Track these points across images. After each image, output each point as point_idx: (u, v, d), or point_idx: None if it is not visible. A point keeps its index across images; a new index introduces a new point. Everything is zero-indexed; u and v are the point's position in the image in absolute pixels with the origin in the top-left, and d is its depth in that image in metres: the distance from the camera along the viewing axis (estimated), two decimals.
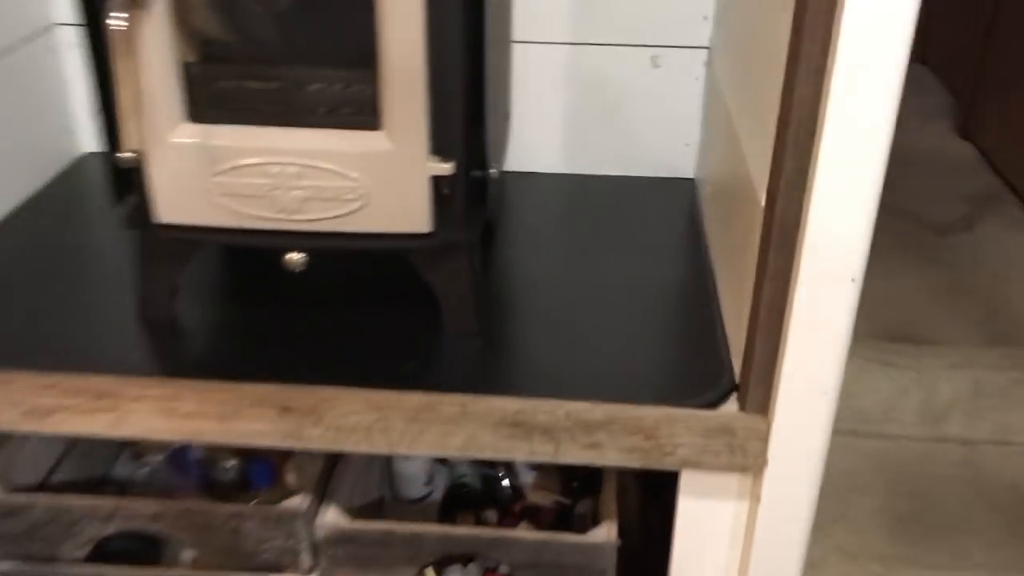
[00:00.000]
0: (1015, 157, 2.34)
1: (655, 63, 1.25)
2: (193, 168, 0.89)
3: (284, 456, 1.17)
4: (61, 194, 1.27)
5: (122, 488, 1.19)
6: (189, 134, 0.88)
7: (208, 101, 0.88)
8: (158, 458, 1.21)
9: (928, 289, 1.98)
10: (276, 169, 0.89)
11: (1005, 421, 1.82)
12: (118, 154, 0.87)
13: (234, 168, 0.89)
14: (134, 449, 1.24)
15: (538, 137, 1.28)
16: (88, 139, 1.36)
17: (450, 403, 0.87)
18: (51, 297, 1.04)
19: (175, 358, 0.94)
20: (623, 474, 1.08)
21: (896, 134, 2.11)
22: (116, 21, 0.79)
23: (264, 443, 0.90)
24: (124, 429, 0.91)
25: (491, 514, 1.24)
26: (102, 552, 1.02)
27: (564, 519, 1.21)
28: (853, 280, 0.77)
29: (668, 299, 1.05)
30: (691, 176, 1.31)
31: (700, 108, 1.27)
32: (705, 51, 1.23)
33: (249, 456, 1.17)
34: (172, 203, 0.91)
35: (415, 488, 1.26)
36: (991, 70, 2.52)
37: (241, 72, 0.89)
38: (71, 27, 1.29)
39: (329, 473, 1.05)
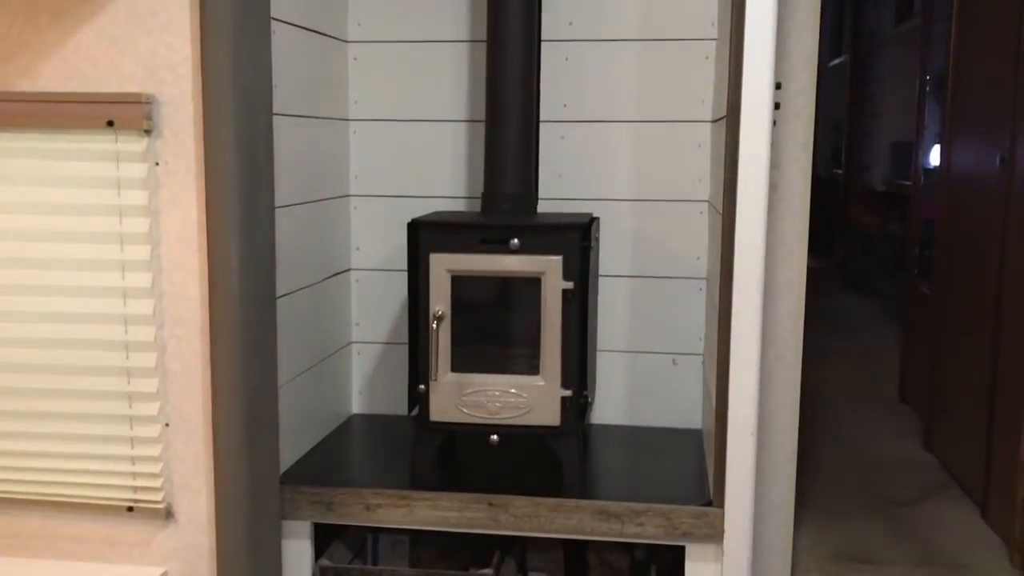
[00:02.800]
0: (955, 460, 3.26)
1: (675, 362, 2.29)
2: (451, 393, 1.93)
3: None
4: (345, 433, 2.30)
5: None
6: (451, 378, 1.93)
7: (460, 362, 1.94)
8: None
9: (884, 533, 2.81)
10: (490, 393, 1.92)
11: None
12: (418, 386, 1.92)
13: (471, 392, 1.92)
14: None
15: (606, 402, 2.30)
16: (356, 405, 2.42)
17: (571, 503, 1.82)
18: (365, 464, 2.04)
19: (437, 482, 1.91)
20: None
21: (878, 447, 3.22)
22: (432, 326, 1.88)
23: (481, 526, 1.84)
24: (411, 519, 1.86)
25: None
26: None
27: None
28: (752, 434, 1.74)
29: (683, 470, 2.01)
30: (699, 427, 2.30)
31: (700, 386, 2.28)
32: (701, 356, 2.28)
33: None
34: (438, 411, 1.94)
35: None
36: (937, 403, 3.51)
37: (475, 350, 1.95)
38: (360, 342, 2.40)
39: (499, 565, 1.96)
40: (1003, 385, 2.77)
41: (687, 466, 2.06)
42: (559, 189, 2.25)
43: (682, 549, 1.84)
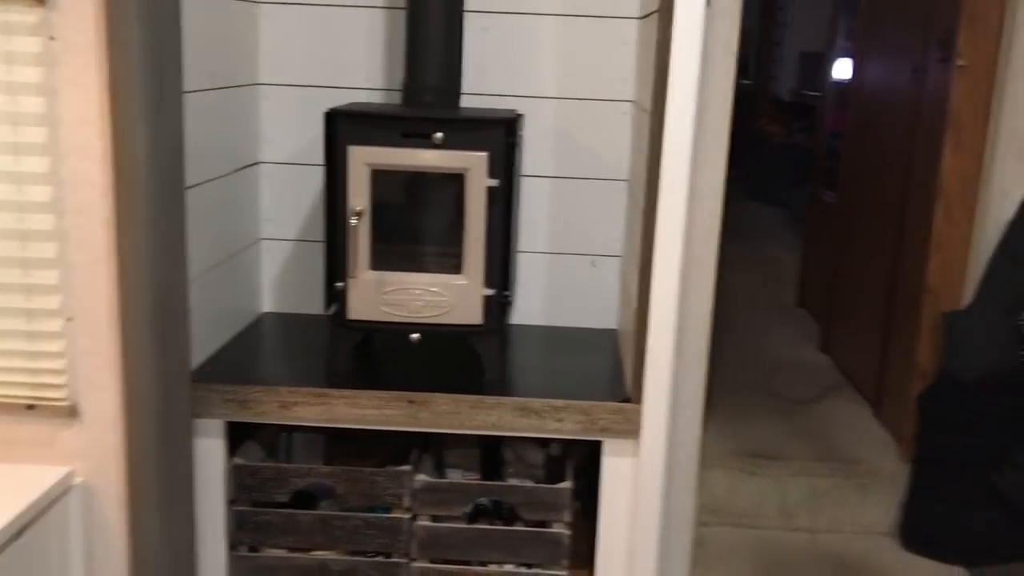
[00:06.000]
0: (849, 362, 3.40)
1: (593, 264, 2.29)
2: (371, 291, 1.88)
3: None
4: (256, 332, 2.23)
5: None
6: (371, 276, 1.88)
7: (380, 259, 1.89)
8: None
9: (784, 431, 2.93)
10: (411, 292, 1.88)
11: (835, 515, 2.69)
12: (336, 284, 1.87)
13: (392, 291, 1.88)
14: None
15: (525, 302, 2.29)
16: (266, 303, 2.35)
17: (492, 400, 1.82)
18: (279, 362, 1.99)
19: (356, 380, 1.88)
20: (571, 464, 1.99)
21: (778, 350, 3.29)
22: (351, 222, 1.82)
23: (401, 423, 1.82)
24: (328, 416, 1.83)
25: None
26: (298, 496, 1.90)
27: None
28: (672, 333, 1.76)
29: (600, 368, 2.03)
30: (615, 328, 2.31)
31: (618, 287, 2.29)
32: (620, 257, 2.28)
33: None
34: (358, 309, 1.89)
35: None
36: (834, 308, 3.63)
37: (395, 248, 1.91)
38: (270, 244, 2.31)
39: (417, 461, 1.95)
40: (901, 292, 2.87)
41: (604, 365, 2.08)
42: (480, 83, 2.19)
43: (598, 444, 1.86)
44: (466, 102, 2.11)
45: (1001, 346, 2.34)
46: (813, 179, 4.35)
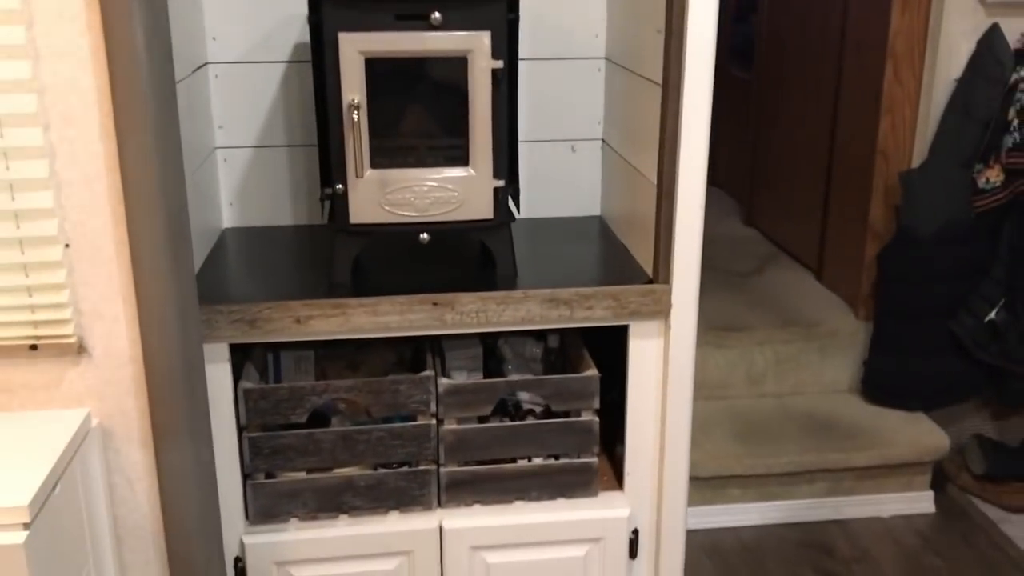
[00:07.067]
0: (779, 232, 3.51)
1: (573, 149, 2.22)
2: (373, 191, 1.76)
3: None
4: (227, 249, 2.07)
5: None
6: (372, 175, 1.76)
7: (382, 157, 1.76)
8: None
9: (739, 302, 3.01)
10: (417, 189, 1.77)
11: (799, 378, 2.81)
12: (336, 186, 1.74)
13: (396, 190, 1.76)
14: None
15: None
16: (226, 218, 2.18)
17: (519, 295, 1.75)
18: (272, 278, 1.86)
19: (372, 287, 1.77)
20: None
21: (703, 227, 3.23)
22: (352, 117, 1.68)
23: (425, 327, 1.73)
24: (347, 327, 1.72)
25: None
26: (314, 416, 1.80)
27: None
28: (701, 208, 1.73)
29: (604, 254, 1.99)
30: (598, 214, 2.27)
31: (600, 173, 2.24)
32: (600, 141, 2.22)
33: None
34: (360, 211, 1.77)
35: None
36: (757, 181, 3.71)
37: (399, 143, 1.78)
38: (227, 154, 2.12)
39: (435, 365, 1.88)
40: (844, 158, 2.95)
41: (604, 251, 2.04)
42: None
43: (593, 332, 1.86)
44: None
45: (957, 199, 2.44)
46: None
